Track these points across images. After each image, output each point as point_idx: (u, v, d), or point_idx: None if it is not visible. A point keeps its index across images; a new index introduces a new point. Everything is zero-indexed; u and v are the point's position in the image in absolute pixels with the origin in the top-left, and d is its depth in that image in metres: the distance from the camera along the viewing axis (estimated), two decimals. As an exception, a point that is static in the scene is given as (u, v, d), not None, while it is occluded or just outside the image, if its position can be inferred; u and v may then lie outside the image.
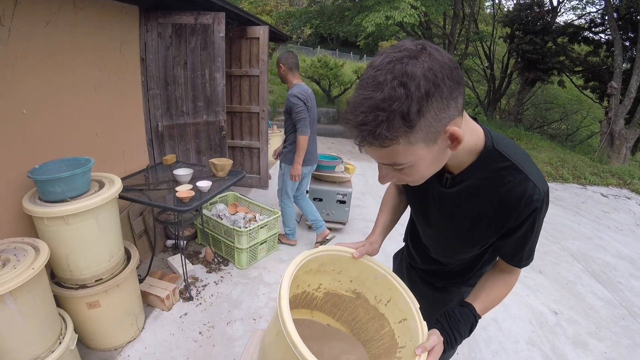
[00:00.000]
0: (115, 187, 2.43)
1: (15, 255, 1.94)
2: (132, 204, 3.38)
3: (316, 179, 4.78)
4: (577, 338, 3.30)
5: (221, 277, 3.56)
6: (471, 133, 1.00)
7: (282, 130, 8.71)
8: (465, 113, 0.95)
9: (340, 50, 31.83)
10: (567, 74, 15.98)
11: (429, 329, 1.11)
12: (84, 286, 2.36)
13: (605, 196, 8.36)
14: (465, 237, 1.20)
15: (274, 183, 6.46)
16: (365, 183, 7.05)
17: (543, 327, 3.39)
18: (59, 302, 2.32)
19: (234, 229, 3.62)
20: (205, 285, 3.41)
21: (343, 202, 4.65)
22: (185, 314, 3.02)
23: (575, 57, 15.63)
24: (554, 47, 14.94)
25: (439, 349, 1.06)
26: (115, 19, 3.30)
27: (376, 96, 0.75)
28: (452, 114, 0.82)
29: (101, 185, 2.48)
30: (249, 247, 3.68)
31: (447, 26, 14.88)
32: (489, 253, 1.35)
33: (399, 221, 1.56)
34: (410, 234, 1.59)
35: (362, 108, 0.77)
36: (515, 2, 17.86)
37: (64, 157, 2.60)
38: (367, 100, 0.77)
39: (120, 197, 2.64)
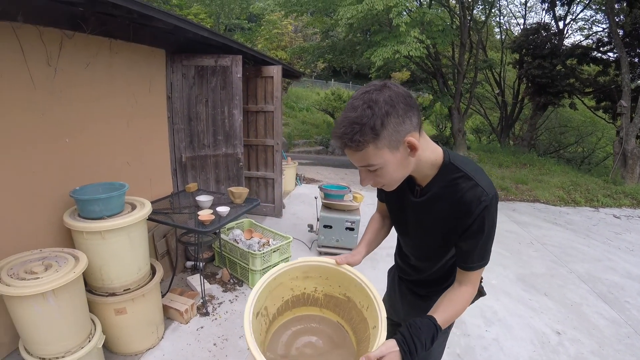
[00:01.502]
0: (145, 209, 2.79)
1: (57, 261, 2.30)
2: (157, 226, 3.72)
3: (326, 207, 5.06)
4: (579, 356, 3.37)
5: (236, 296, 3.84)
6: (432, 151, 1.29)
7: (296, 162, 9.13)
8: (426, 136, 1.29)
9: (354, 82, 32.45)
10: (578, 95, 16.05)
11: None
12: (113, 294, 2.69)
13: (617, 217, 8.42)
14: (435, 239, 1.42)
15: (287, 212, 6.78)
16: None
17: (545, 347, 3.47)
18: (90, 308, 2.60)
19: (249, 252, 3.92)
20: (221, 302, 3.69)
21: (351, 229, 4.90)
22: (202, 327, 3.29)
23: (585, 79, 15.72)
24: (563, 69, 15.05)
25: (392, 358, 1.16)
26: (145, 61, 3.75)
27: (352, 115, 1.10)
28: (407, 128, 1.14)
29: (133, 207, 2.84)
30: (263, 269, 3.96)
31: (455, 56, 15.20)
32: (450, 265, 1.58)
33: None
34: (397, 248, 1.84)
35: (344, 124, 1.12)
36: (522, 27, 18.27)
37: (99, 181, 2.99)
38: (347, 119, 1.11)
39: (150, 218, 2.98)
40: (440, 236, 1.39)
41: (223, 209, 3.39)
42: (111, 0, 2.47)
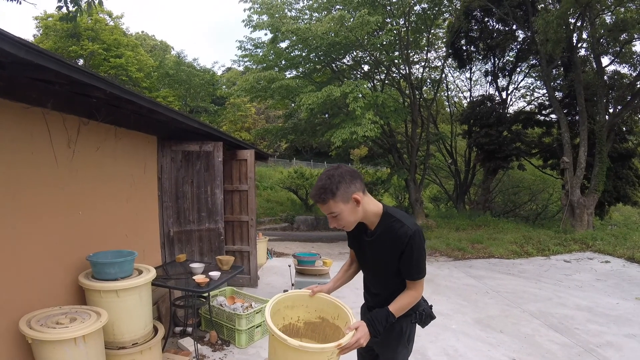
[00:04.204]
0: (152, 272, 3.28)
1: (79, 316, 2.72)
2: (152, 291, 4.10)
3: (299, 272, 5.50)
4: (534, 376, 3.85)
5: (225, 354, 4.16)
6: (374, 205, 2.01)
7: (267, 237, 9.60)
8: (370, 196, 2.02)
9: (315, 160, 33.71)
10: (525, 157, 17.57)
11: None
12: (123, 347, 3.07)
13: (568, 262, 9.21)
14: (384, 267, 2.06)
15: (262, 283, 7.16)
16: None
17: None
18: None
19: (235, 313, 4.32)
20: (212, 360, 4.03)
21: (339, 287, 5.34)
22: (198, 382, 3.62)
23: (530, 141, 17.33)
24: (509, 135, 16.47)
25: (363, 327, 1.89)
26: (141, 146, 4.36)
27: (320, 184, 1.88)
28: (353, 189, 1.88)
29: (139, 271, 3.31)
30: (248, 328, 4.35)
31: (408, 132, 16.41)
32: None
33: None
34: (363, 285, 2.41)
35: (315, 189, 1.90)
36: (468, 100, 19.93)
37: (104, 249, 3.42)
38: (317, 186, 1.89)
39: (154, 283, 3.41)
40: (387, 264, 2.03)
41: (214, 274, 3.86)
42: (127, 97, 3.09)
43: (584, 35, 13.48)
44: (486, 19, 16.63)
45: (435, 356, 4.27)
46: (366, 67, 16.46)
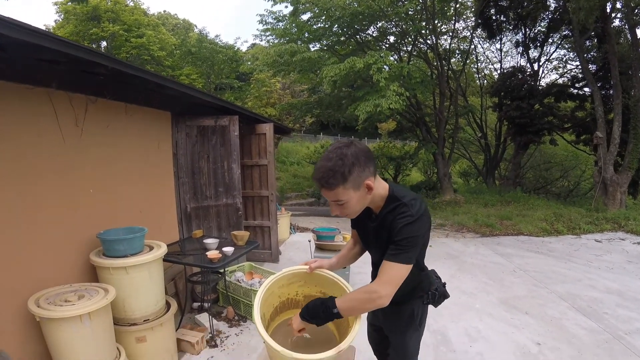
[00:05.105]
0: (162, 249, 3.24)
1: (88, 293, 2.71)
2: (166, 269, 4.11)
3: (319, 248, 5.45)
4: (559, 362, 3.67)
5: (241, 330, 4.17)
6: (382, 188, 1.77)
7: (289, 212, 9.57)
8: (379, 177, 1.76)
9: (342, 135, 33.29)
10: (558, 132, 16.79)
11: None
12: (134, 324, 3.07)
13: (599, 241, 8.83)
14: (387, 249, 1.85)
15: (283, 258, 7.15)
16: (366, 254, 7.67)
17: (526, 356, 3.77)
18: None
19: (251, 289, 4.30)
20: (228, 336, 4.01)
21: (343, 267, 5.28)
22: (212, 357, 3.61)
23: (563, 115, 16.47)
24: (540, 108, 15.74)
25: (295, 317, 1.82)
26: (154, 122, 4.30)
27: (328, 164, 1.57)
28: (367, 174, 1.62)
29: (151, 248, 3.28)
30: (264, 304, 4.32)
31: (437, 104, 15.80)
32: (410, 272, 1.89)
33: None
34: (371, 261, 2.21)
35: (321, 170, 1.59)
36: (499, 72, 19.14)
37: (117, 227, 3.41)
38: (323, 167, 1.58)
39: (165, 259, 3.40)
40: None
41: (228, 249, 3.82)
42: (131, 72, 3.02)
43: (618, 5, 12.52)
44: (516, -14, 15.74)
45: (456, 337, 4.14)
46: (392, 39, 15.98)
